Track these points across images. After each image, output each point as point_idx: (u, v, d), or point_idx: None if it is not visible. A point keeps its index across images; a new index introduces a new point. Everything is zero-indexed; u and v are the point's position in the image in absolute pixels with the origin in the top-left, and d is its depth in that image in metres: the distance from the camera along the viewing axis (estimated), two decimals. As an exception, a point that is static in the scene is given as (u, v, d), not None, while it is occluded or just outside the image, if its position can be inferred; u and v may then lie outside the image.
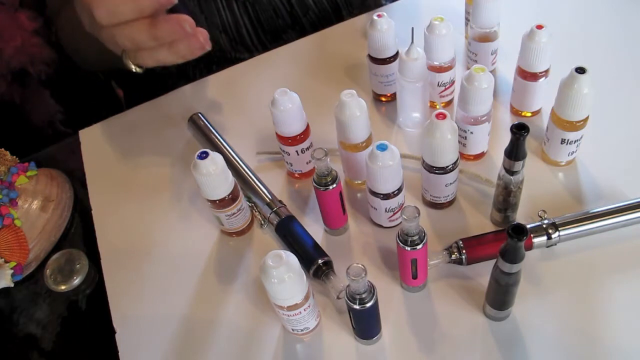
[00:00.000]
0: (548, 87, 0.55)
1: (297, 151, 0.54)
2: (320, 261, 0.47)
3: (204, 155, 0.47)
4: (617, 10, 0.68)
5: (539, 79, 0.54)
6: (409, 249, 0.41)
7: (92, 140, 0.67)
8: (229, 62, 0.73)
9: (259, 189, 0.54)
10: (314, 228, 0.53)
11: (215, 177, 0.47)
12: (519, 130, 0.41)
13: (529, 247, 0.47)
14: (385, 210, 0.49)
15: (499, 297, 0.42)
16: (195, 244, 0.54)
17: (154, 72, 0.79)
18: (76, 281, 0.54)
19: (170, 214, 0.57)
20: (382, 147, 0.44)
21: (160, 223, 0.57)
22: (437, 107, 0.61)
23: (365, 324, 0.43)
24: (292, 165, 0.56)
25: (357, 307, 0.40)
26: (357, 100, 0.48)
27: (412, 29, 0.52)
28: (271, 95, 0.50)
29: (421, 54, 0.52)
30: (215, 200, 0.49)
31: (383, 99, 0.63)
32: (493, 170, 0.53)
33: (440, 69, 0.57)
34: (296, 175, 0.57)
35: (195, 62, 0.78)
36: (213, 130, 0.61)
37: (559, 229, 0.46)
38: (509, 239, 0.36)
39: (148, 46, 0.47)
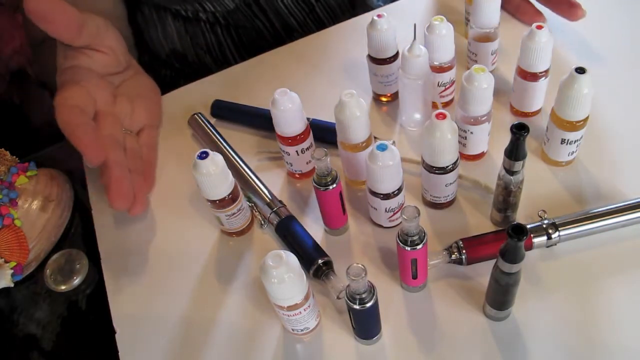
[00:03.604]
0: (548, 87, 0.55)
1: (297, 151, 0.54)
2: (320, 261, 0.47)
3: (204, 155, 0.47)
4: (618, 10, 0.68)
5: (539, 79, 0.54)
6: (409, 249, 0.41)
7: (92, 140, 0.67)
8: None
9: (259, 189, 0.54)
10: (314, 228, 0.53)
11: (215, 177, 0.47)
12: (519, 130, 0.41)
13: (529, 247, 0.47)
14: (385, 210, 0.49)
15: (499, 297, 0.42)
16: (195, 244, 0.54)
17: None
18: (76, 281, 0.54)
19: (170, 214, 0.57)
20: (382, 147, 0.44)
21: (160, 223, 0.57)
22: (438, 107, 0.61)
23: (365, 324, 0.43)
24: (292, 165, 0.56)
25: (357, 307, 0.40)
26: (357, 100, 0.48)
27: (415, 25, 0.52)
28: (271, 95, 0.50)
29: (424, 51, 0.52)
30: (215, 200, 0.49)
31: (383, 99, 0.63)
32: (493, 170, 0.53)
33: (440, 69, 0.57)
34: (296, 175, 0.57)
35: (186, 77, 0.79)
36: (213, 130, 0.61)
37: (559, 229, 0.46)
38: (509, 239, 0.36)
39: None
